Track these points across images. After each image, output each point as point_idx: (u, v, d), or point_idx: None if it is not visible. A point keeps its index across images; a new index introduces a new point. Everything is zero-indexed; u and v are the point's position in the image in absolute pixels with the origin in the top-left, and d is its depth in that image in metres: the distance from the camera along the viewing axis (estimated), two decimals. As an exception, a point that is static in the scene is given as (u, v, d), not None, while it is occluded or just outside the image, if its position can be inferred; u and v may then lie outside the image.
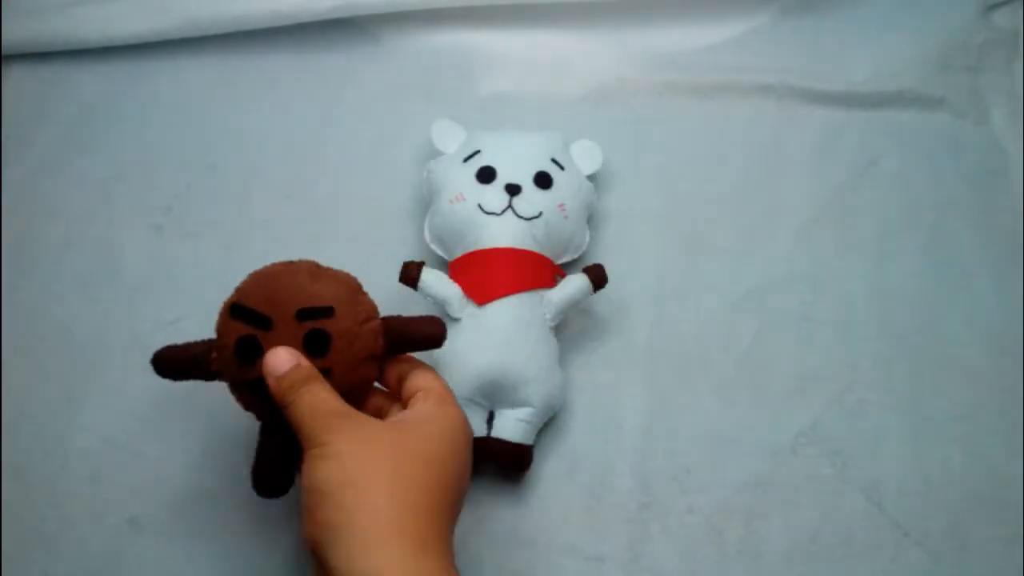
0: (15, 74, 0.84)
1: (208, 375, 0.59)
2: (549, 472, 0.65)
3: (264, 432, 0.58)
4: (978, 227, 0.76)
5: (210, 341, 0.59)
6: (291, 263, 0.58)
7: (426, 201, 0.72)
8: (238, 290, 0.58)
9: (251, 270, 0.63)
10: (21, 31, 0.83)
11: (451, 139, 0.73)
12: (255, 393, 0.56)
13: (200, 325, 0.70)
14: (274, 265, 0.58)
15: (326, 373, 0.54)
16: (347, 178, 0.78)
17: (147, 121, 0.81)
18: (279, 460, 0.57)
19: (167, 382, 0.68)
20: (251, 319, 0.56)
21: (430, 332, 0.57)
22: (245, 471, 0.65)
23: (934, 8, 0.86)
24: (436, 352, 0.63)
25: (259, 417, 0.58)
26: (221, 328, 0.58)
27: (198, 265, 0.74)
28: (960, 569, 0.63)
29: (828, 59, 0.84)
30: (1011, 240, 0.76)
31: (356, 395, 0.56)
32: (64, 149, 0.80)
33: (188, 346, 0.59)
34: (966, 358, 0.70)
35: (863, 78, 0.83)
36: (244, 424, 0.67)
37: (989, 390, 0.69)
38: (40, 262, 0.74)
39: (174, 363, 0.59)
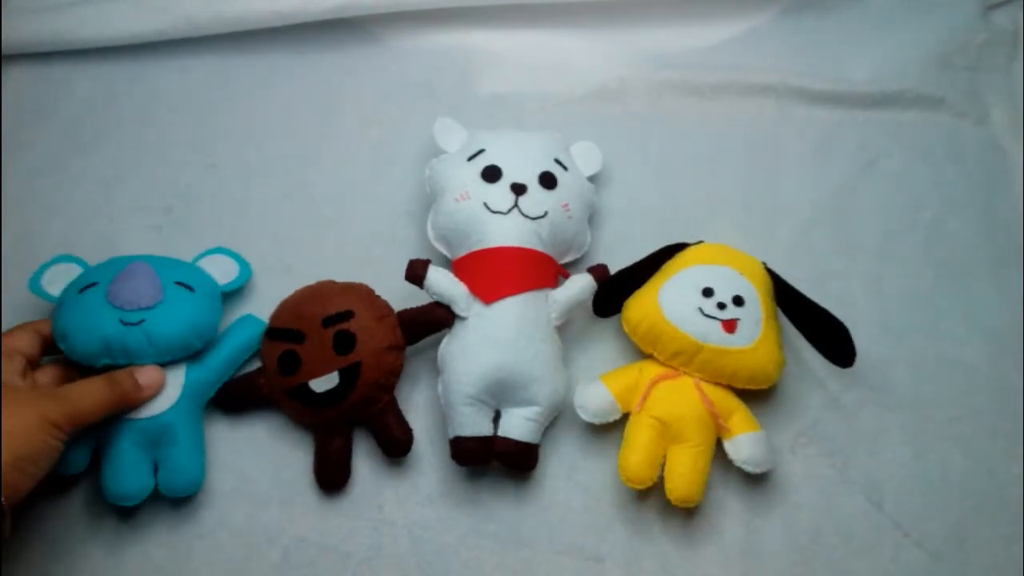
0: (15, 74, 0.84)
1: (261, 400, 0.65)
2: (549, 472, 0.65)
3: (319, 435, 0.64)
4: (978, 227, 0.76)
5: (257, 370, 0.66)
6: (309, 286, 0.67)
7: (428, 200, 0.72)
8: (270, 318, 0.66)
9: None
10: (21, 31, 0.83)
11: (453, 137, 0.73)
12: (301, 400, 0.63)
13: (200, 325, 0.71)
14: (296, 291, 0.67)
15: (357, 367, 0.62)
16: (347, 178, 0.78)
17: (147, 121, 0.81)
18: (338, 458, 0.63)
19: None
20: (286, 336, 0.64)
21: (439, 316, 0.65)
22: (245, 471, 0.65)
23: (934, 8, 0.86)
24: (443, 351, 0.64)
25: (310, 422, 0.64)
26: (263, 353, 0.66)
27: (198, 265, 0.74)
28: (960, 569, 0.63)
29: (828, 59, 0.84)
30: (1011, 240, 0.76)
31: (385, 383, 0.63)
32: (64, 149, 0.80)
33: (240, 378, 0.65)
34: (966, 358, 0.70)
35: (863, 78, 0.83)
36: (242, 426, 0.67)
37: (989, 390, 0.69)
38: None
39: (230, 398, 0.65)
